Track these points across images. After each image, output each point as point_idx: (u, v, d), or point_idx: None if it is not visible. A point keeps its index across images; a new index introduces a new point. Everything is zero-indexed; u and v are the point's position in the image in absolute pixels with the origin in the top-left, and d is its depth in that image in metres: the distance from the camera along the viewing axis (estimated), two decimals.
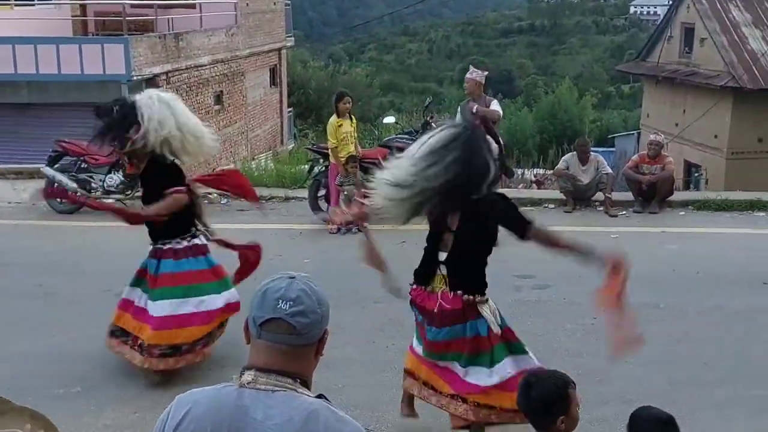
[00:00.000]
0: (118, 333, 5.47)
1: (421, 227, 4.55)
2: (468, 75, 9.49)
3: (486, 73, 9.69)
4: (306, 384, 1.94)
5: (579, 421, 2.82)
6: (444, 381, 4.35)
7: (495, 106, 9.41)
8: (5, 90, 15.57)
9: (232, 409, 1.86)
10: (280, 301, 1.89)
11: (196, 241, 5.48)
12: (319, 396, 1.94)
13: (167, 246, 5.34)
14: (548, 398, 2.76)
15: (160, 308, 5.25)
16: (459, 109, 9.52)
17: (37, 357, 5.89)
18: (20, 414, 2.19)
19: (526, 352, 4.36)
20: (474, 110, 9.10)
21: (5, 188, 11.35)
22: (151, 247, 5.44)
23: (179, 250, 5.34)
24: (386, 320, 6.38)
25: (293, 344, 1.90)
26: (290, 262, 7.98)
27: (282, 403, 1.86)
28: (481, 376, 4.22)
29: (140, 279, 5.51)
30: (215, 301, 5.39)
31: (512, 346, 4.33)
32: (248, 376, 1.90)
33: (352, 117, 9.35)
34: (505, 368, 4.22)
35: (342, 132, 9.13)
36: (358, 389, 5.31)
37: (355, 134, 9.51)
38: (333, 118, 9.29)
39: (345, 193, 9.16)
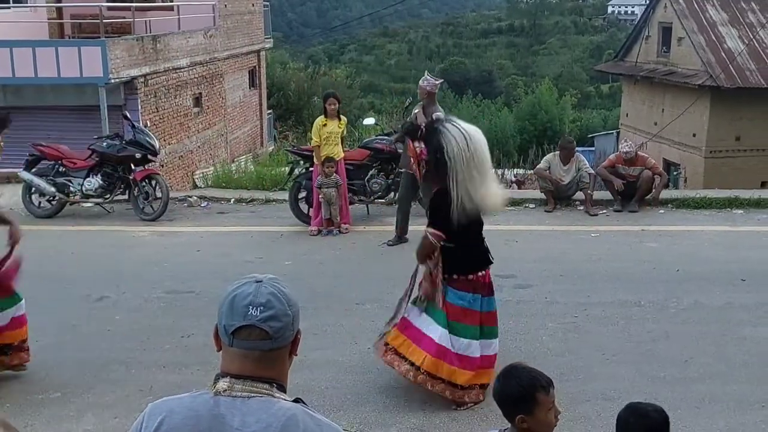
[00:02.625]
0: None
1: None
2: (420, 82, 8.85)
3: (441, 81, 9.23)
4: (282, 388, 1.91)
5: (553, 425, 2.78)
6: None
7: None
8: None
9: (209, 419, 1.83)
10: (250, 307, 1.84)
11: None
12: (297, 400, 1.90)
13: None
14: (509, 395, 2.75)
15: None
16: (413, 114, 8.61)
17: None
18: None
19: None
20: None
21: None
22: None
23: None
24: (368, 322, 6.37)
25: (267, 349, 1.87)
26: (271, 264, 7.96)
27: (259, 410, 1.83)
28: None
29: None
30: None
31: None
32: (223, 383, 1.86)
33: (341, 117, 9.29)
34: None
35: (326, 132, 9.10)
36: (340, 391, 5.30)
37: (343, 135, 9.42)
38: (320, 118, 9.27)
39: (323, 195, 9.13)
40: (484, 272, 5.08)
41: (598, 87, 66.52)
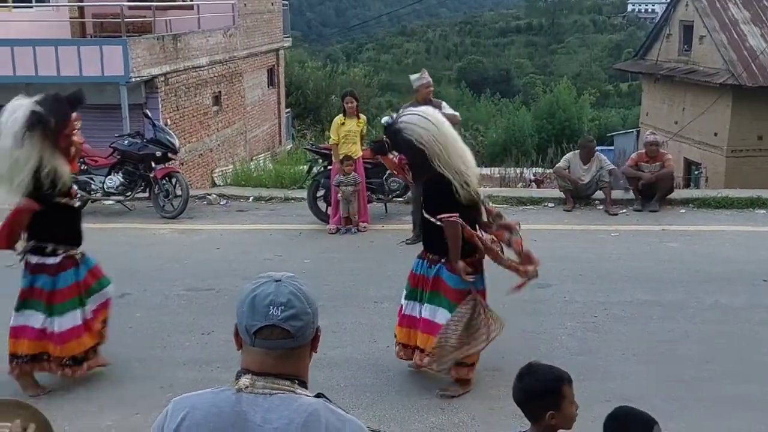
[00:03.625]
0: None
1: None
2: (425, 80, 8.79)
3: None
4: (304, 384, 1.92)
5: (575, 420, 2.79)
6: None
7: (448, 109, 8.83)
8: (4, 92, 15.27)
9: (231, 415, 1.84)
10: (271, 307, 1.85)
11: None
12: (319, 395, 1.92)
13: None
14: (537, 391, 2.75)
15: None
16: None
17: None
18: (7, 408, 2.19)
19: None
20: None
21: None
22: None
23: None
24: (387, 320, 6.37)
25: (289, 348, 1.88)
26: (291, 262, 7.99)
27: (280, 406, 1.84)
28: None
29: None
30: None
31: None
32: (245, 380, 1.87)
33: (359, 116, 9.29)
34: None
35: (344, 130, 9.11)
36: (359, 389, 5.31)
37: (362, 133, 9.41)
38: (338, 116, 9.30)
39: (341, 194, 9.14)
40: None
41: (617, 86, 66.11)
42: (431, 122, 4.89)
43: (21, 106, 5.00)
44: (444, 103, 9.13)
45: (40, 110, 4.96)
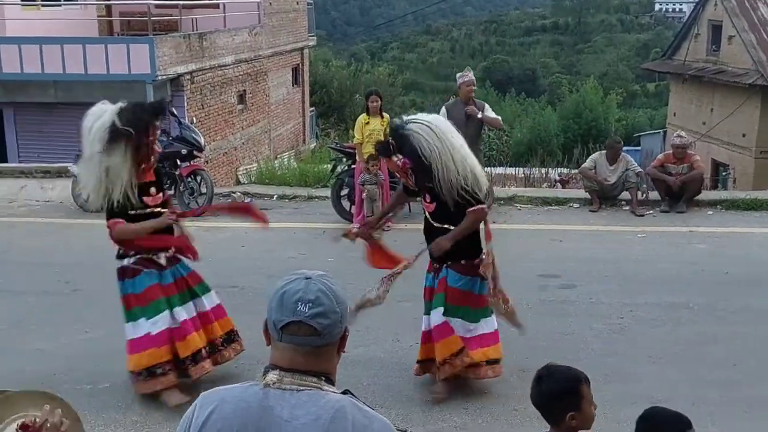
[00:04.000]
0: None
1: None
2: (466, 77, 8.95)
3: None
4: (331, 381, 1.93)
5: (593, 420, 2.77)
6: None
7: (490, 112, 9.13)
8: (33, 89, 15.74)
9: (259, 410, 1.85)
10: (299, 303, 1.86)
11: None
12: (346, 392, 1.92)
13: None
14: (556, 393, 2.73)
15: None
16: (446, 110, 8.78)
17: (65, 353, 5.94)
18: (34, 398, 2.22)
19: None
20: (479, 116, 8.90)
21: (33, 187, 11.49)
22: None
23: None
24: (411, 319, 6.35)
25: (316, 345, 1.89)
26: (314, 261, 7.99)
27: (307, 402, 1.85)
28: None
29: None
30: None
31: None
32: (273, 376, 1.88)
33: (383, 115, 9.29)
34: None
35: (368, 129, 9.12)
36: (383, 388, 5.31)
37: (386, 132, 9.42)
38: (362, 116, 9.31)
39: (365, 192, 9.14)
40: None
41: (644, 86, 65.51)
42: (437, 135, 4.83)
43: (105, 111, 5.02)
44: (487, 106, 9.20)
45: (119, 124, 4.92)
